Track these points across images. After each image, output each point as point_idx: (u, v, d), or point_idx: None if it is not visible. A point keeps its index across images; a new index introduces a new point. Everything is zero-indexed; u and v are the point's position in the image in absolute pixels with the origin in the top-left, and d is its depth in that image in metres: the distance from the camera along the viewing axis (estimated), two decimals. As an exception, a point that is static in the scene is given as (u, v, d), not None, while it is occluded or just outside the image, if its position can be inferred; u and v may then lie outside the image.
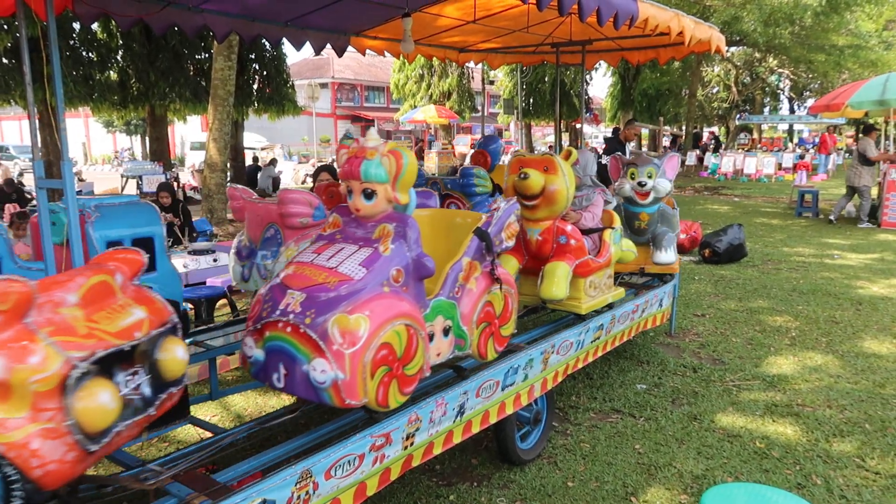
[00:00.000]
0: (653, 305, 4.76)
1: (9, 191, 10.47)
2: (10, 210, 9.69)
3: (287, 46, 18.05)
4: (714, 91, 34.92)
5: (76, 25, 12.87)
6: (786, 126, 39.01)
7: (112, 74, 14.16)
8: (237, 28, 4.52)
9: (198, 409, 3.81)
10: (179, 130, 35.28)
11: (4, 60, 12.04)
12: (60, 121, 2.87)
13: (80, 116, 36.18)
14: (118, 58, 14.19)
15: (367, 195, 2.47)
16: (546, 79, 24.82)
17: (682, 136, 28.74)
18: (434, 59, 6.81)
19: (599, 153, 9.75)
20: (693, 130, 28.04)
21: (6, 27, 10.93)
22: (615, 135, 9.47)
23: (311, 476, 2.23)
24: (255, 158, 19.89)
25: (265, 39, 4.79)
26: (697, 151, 25.79)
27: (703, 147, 27.64)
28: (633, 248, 4.37)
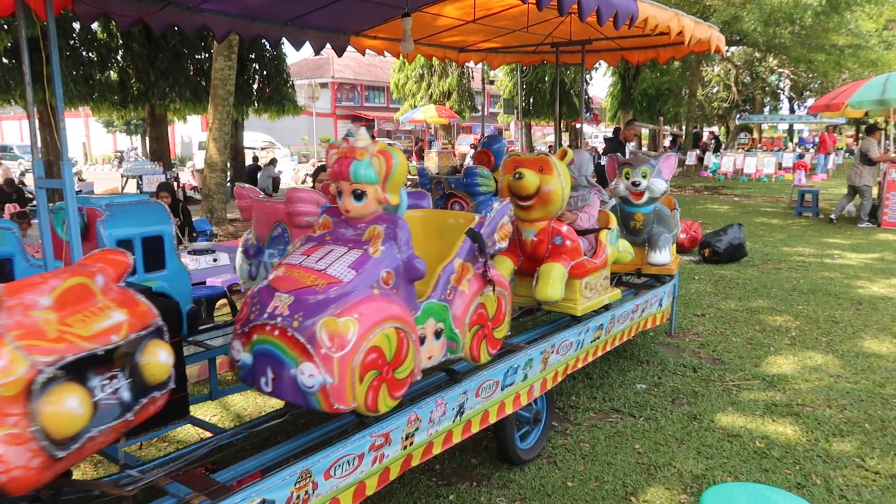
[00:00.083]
0: (652, 305, 4.76)
1: (9, 191, 10.49)
2: (10, 210, 9.70)
3: (287, 46, 18.05)
4: (714, 91, 34.93)
5: (76, 25, 12.88)
6: (786, 126, 39.02)
7: (112, 74, 14.18)
8: (237, 28, 4.53)
9: (197, 409, 3.82)
10: (179, 130, 35.32)
11: (4, 60, 12.05)
12: (60, 121, 2.88)
13: (81, 116, 36.18)
14: (118, 58, 14.21)
15: (357, 196, 2.44)
16: (546, 78, 24.82)
17: (682, 136, 28.74)
18: (434, 59, 6.81)
19: (599, 153, 9.75)
20: (693, 130, 28.04)
21: (6, 27, 10.93)
22: (615, 135, 9.45)
23: (311, 476, 2.23)
24: (255, 158, 19.89)
25: (265, 39, 4.80)
26: (697, 151, 25.80)
27: (703, 147, 27.62)
28: (630, 249, 4.34)
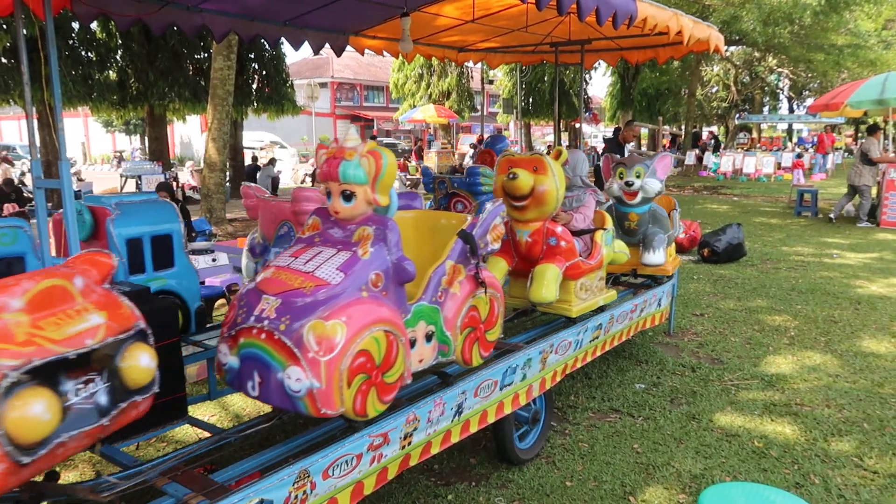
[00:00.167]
0: (651, 305, 4.76)
1: (8, 191, 10.50)
2: (10, 210, 9.71)
3: (286, 46, 18.04)
4: (713, 90, 34.95)
5: (75, 25, 12.87)
6: (785, 125, 39.04)
7: (111, 74, 14.16)
8: (236, 28, 4.53)
9: (196, 409, 3.82)
10: (179, 130, 35.28)
11: (3, 60, 12.03)
12: (58, 120, 2.88)
13: (80, 116, 36.11)
14: (117, 57, 14.19)
15: (346, 197, 2.41)
16: (545, 78, 24.81)
17: (682, 136, 28.74)
18: (433, 59, 6.81)
19: (599, 153, 9.75)
20: (692, 130, 28.04)
21: (5, 27, 10.92)
22: (615, 135, 9.45)
23: (309, 476, 2.23)
24: (255, 158, 19.87)
25: (264, 39, 4.80)
26: (697, 151, 25.81)
27: (703, 146, 27.64)
28: (626, 250, 4.30)
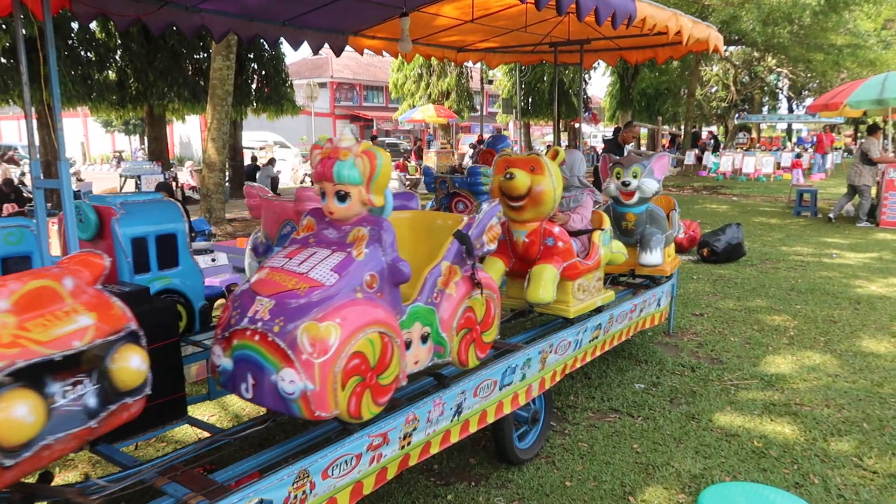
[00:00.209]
0: (651, 305, 4.76)
1: (7, 191, 10.48)
2: (9, 210, 9.70)
3: (285, 46, 18.05)
4: (713, 90, 34.95)
5: (74, 25, 12.87)
6: (784, 125, 39.06)
7: (111, 74, 14.16)
8: (235, 28, 4.53)
9: (196, 409, 3.82)
10: (178, 130, 35.27)
11: (3, 60, 12.03)
12: (57, 120, 2.88)
13: (79, 116, 36.12)
14: (117, 57, 14.19)
15: (341, 197, 2.39)
16: (545, 78, 24.82)
17: (681, 136, 28.76)
18: (432, 59, 6.82)
19: (599, 154, 9.74)
20: (692, 130, 28.06)
21: (4, 27, 10.92)
22: (615, 136, 9.44)
23: (308, 476, 2.23)
24: (254, 158, 19.89)
25: (263, 39, 4.80)
26: (696, 151, 25.82)
27: (702, 146, 27.66)
28: (624, 250, 4.28)
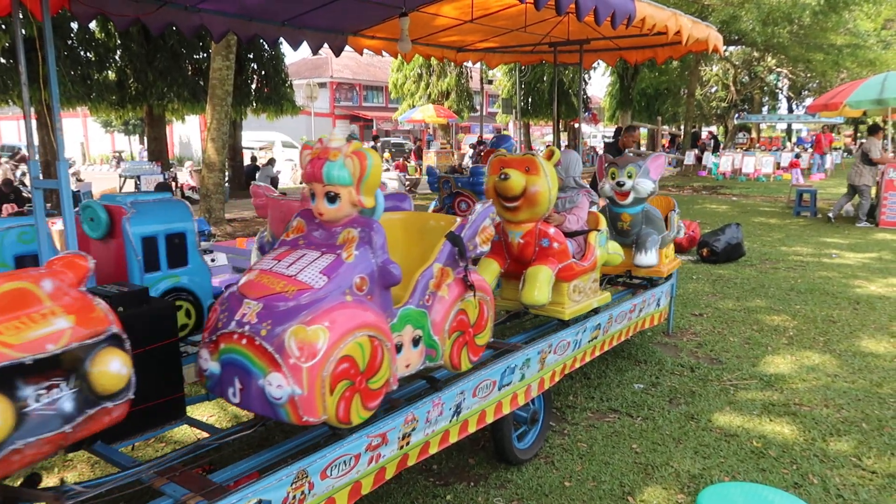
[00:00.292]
0: (650, 305, 4.76)
1: (6, 191, 10.48)
2: (8, 210, 9.70)
3: (285, 46, 18.06)
4: (712, 90, 34.95)
5: (74, 25, 12.87)
6: (784, 125, 39.06)
7: (110, 74, 14.17)
8: (234, 28, 4.53)
9: (194, 410, 3.81)
10: (178, 130, 35.27)
11: (2, 60, 12.03)
12: (56, 121, 2.88)
13: (79, 116, 36.10)
14: (116, 57, 14.20)
15: (330, 198, 2.37)
16: (544, 78, 24.81)
17: (681, 136, 28.77)
18: (432, 59, 6.81)
19: (598, 154, 9.73)
20: (692, 130, 28.06)
21: (3, 27, 10.92)
22: (615, 139, 9.39)
23: (307, 476, 2.23)
24: (254, 158, 19.91)
25: (262, 39, 4.80)
26: (696, 151, 25.82)
27: (702, 146, 27.66)
28: (620, 251, 4.26)
